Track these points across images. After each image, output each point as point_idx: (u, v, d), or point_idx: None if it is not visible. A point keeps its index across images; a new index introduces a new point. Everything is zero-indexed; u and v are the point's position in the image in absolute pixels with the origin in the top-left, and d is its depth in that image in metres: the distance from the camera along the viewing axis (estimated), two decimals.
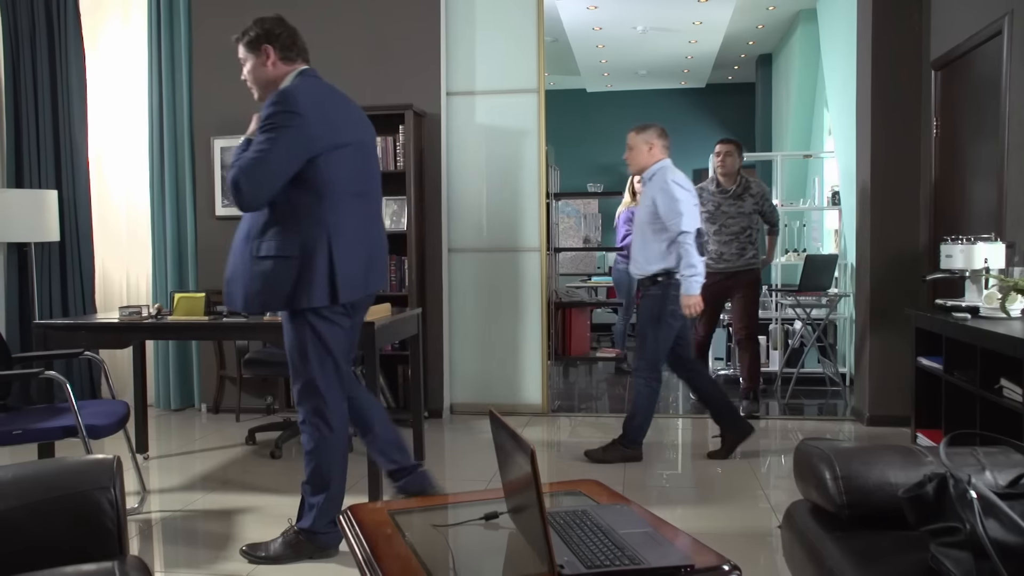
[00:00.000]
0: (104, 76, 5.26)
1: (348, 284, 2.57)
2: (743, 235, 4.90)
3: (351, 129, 2.63)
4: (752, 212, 4.91)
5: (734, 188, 4.90)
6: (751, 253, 4.93)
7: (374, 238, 2.74)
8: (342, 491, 2.75)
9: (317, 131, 2.49)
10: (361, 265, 2.62)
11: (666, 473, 3.85)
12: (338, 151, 2.54)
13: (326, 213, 2.52)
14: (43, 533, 1.63)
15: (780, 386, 5.68)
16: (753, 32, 7.81)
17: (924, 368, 3.54)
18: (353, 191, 2.60)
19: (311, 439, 2.67)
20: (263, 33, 2.64)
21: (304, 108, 2.47)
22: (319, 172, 2.51)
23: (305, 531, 2.70)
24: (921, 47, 4.45)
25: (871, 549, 1.63)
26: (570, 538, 1.56)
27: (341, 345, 2.67)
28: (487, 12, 4.90)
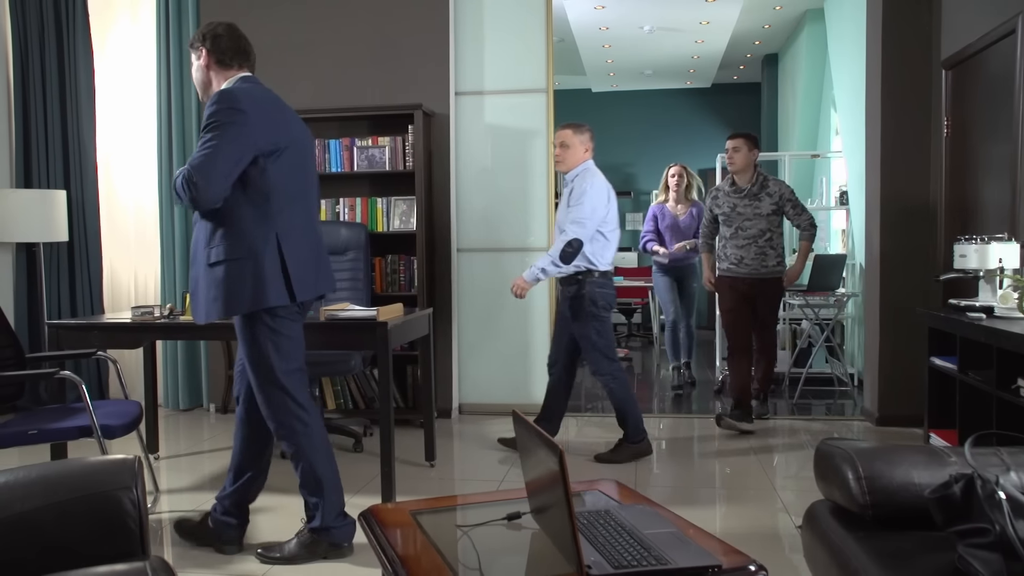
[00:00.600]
0: (112, 76, 5.27)
1: (301, 284, 2.59)
2: (762, 239, 4.49)
3: (291, 131, 2.64)
4: (771, 214, 4.48)
5: (749, 187, 4.51)
6: (775, 260, 4.50)
7: (318, 240, 2.74)
8: (338, 480, 2.76)
9: (259, 129, 2.50)
10: (310, 266, 2.64)
11: (674, 473, 3.85)
12: (280, 152, 2.56)
13: (272, 214, 2.54)
14: (67, 533, 1.63)
15: (788, 386, 5.67)
16: (759, 32, 7.79)
17: (937, 368, 3.53)
18: (295, 193, 2.62)
19: (290, 443, 2.68)
20: (203, 36, 2.68)
21: (246, 106, 2.49)
22: (263, 173, 2.52)
23: (316, 529, 2.70)
24: (931, 46, 4.44)
25: (896, 550, 1.62)
26: (595, 538, 1.56)
27: (299, 346, 2.71)
28: (495, 12, 4.90)
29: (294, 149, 2.62)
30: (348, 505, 3.29)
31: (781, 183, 4.55)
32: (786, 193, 4.51)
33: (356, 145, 4.76)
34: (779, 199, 4.48)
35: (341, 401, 4.82)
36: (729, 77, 9.54)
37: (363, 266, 4.40)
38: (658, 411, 5.23)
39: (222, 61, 2.65)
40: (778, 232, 4.53)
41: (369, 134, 4.81)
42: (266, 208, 2.53)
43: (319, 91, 4.93)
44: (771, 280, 4.53)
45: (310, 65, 4.95)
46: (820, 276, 5.38)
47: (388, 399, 3.19)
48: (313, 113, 4.82)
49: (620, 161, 10.03)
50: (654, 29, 7.30)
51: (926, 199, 4.49)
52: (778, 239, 4.52)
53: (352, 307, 3.42)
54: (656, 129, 9.90)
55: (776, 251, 4.51)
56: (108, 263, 5.31)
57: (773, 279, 4.53)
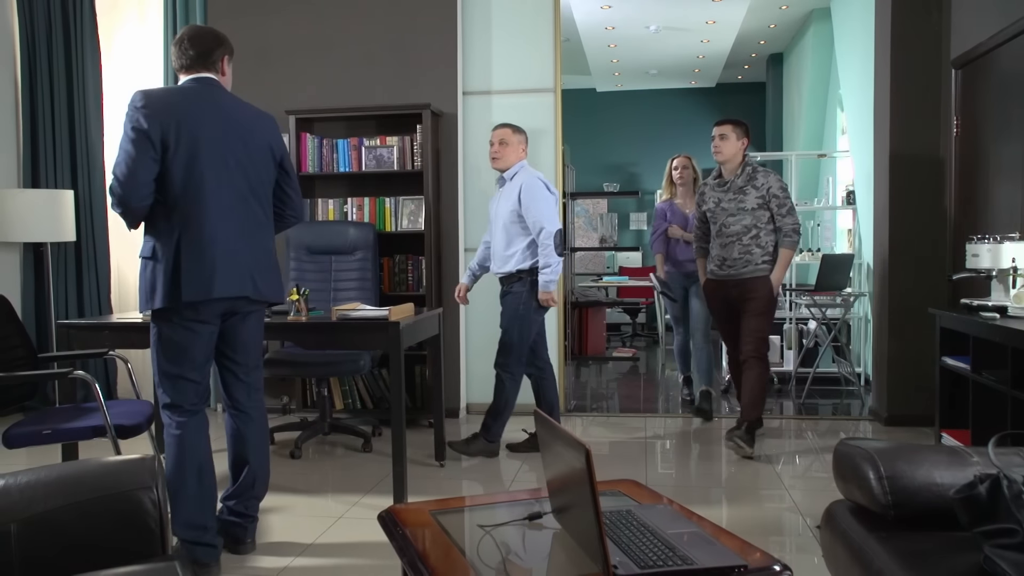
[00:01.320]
0: (120, 76, 5.26)
1: (191, 286, 2.51)
2: (746, 236, 4.01)
3: (199, 128, 2.55)
4: (756, 209, 3.99)
5: (735, 180, 4.05)
6: (761, 259, 4.02)
7: (236, 241, 2.60)
8: (195, 494, 2.61)
9: (154, 127, 2.46)
10: (209, 267, 2.53)
11: (681, 473, 3.84)
12: (178, 150, 2.50)
13: (174, 214, 2.52)
14: (88, 532, 1.63)
15: (795, 386, 5.66)
16: (765, 31, 7.79)
17: (950, 368, 3.52)
18: (200, 192, 2.53)
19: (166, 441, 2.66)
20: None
21: (148, 102, 2.48)
22: (170, 172, 2.50)
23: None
24: (941, 46, 4.43)
25: (920, 550, 1.62)
26: (619, 538, 1.55)
27: (185, 353, 2.59)
28: (504, 12, 4.90)
29: (201, 146, 2.54)
30: (360, 505, 3.29)
31: (772, 176, 4.05)
32: (775, 187, 4.00)
33: (364, 145, 4.76)
34: (766, 192, 4.00)
35: (349, 401, 4.82)
36: (733, 77, 9.53)
37: (371, 266, 4.41)
38: (663, 411, 5.23)
39: (179, 65, 2.68)
40: (767, 229, 4.01)
41: (377, 134, 4.81)
42: (170, 208, 2.52)
43: (327, 91, 4.93)
44: (757, 280, 4.00)
45: (318, 65, 4.95)
46: (827, 275, 5.37)
47: (400, 399, 3.18)
48: (321, 113, 4.83)
49: (624, 161, 10.03)
50: (660, 29, 7.30)
51: (935, 199, 4.48)
52: (767, 237, 4.01)
53: (363, 307, 3.41)
54: (660, 129, 9.90)
55: (764, 249, 4.01)
56: (115, 263, 5.30)
57: (759, 279, 4.00)
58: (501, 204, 3.94)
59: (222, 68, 2.70)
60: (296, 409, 5.00)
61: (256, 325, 2.82)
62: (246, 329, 2.76)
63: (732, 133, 4.06)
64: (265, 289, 2.70)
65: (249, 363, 2.81)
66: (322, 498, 3.40)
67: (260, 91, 5.02)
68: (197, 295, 2.52)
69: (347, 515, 3.18)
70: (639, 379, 6.54)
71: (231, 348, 2.74)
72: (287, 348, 4.25)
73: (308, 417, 4.63)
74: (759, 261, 4.02)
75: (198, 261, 2.51)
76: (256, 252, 2.67)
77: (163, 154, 2.49)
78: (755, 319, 4.01)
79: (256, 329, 2.82)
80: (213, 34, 2.70)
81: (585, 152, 9.72)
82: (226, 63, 2.72)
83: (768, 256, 4.03)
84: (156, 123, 2.47)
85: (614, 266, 9.84)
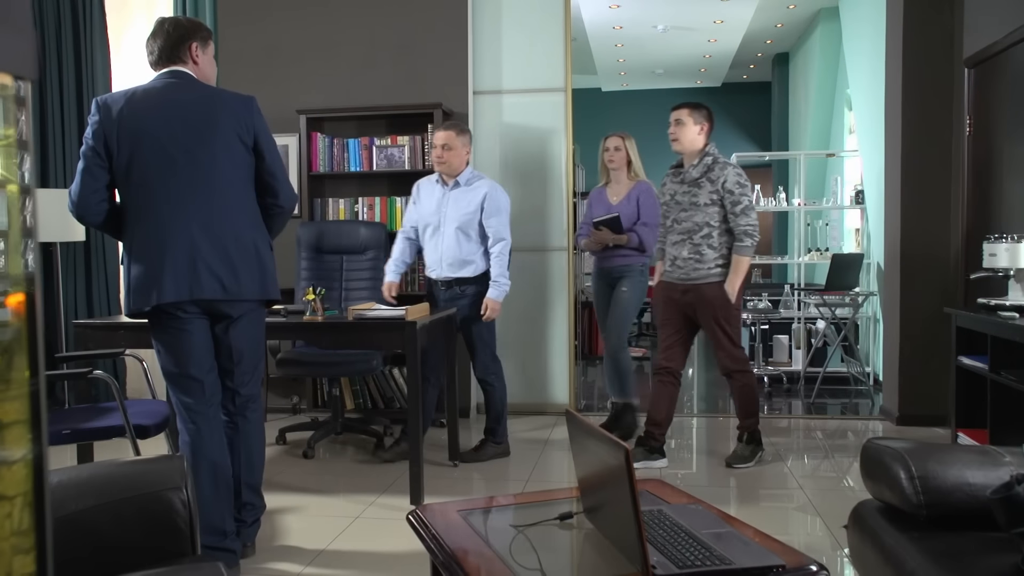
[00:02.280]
0: (129, 76, 5.25)
1: (135, 295, 2.46)
2: (697, 234, 3.61)
3: (143, 127, 2.47)
4: (709, 205, 3.59)
5: (690, 171, 3.67)
6: (714, 262, 3.60)
7: (197, 237, 2.46)
8: (211, 498, 2.55)
9: (104, 132, 2.45)
10: (155, 272, 2.43)
11: (688, 474, 3.84)
12: (135, 148, 2.45)
13: (130, 214, 2.50)
14: (119, 532, 1.63)
15: (804, 386, 5.66)
16: (772, 31, 7.79)
17: (966, 367, 3.52)
18: (143, 192, 2.46)
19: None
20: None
21: (96, 109, 2.48)
22: (118, 175, 2.48)
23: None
24: (953, 45, 4.43)
25: (955, 550, 1.61)
26: (654, 538, 1.55)
27: (176, 352, 2.53)
28: (514, 11, 4.89)
29: (143, 142, 2.46)
30: (376, 505, 3.29)
31: (731, 169, 3.61)
32: (730, 181, 3.56)
33: (375, 144, 4.75)
34: (720, 187, 3.57)
35: (359, 400, 4.82)
36: (739, 76, 9.53)
37: (383, 265, 4.38)
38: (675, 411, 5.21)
39: (150, 64, 2.66)
40: (721, 229, 3.61)
41: (388, 133, 4.80)
42: (126, 210, 2.50)
43: (338, 91, 4.93)
44: (709, 287, 3.61)
45: (329, 65, 4.94)
46: (837, 275, 5.37)
47: (417, 399, 3.18)
48: (332, 112, 4.82)
49: None
50: (668, 28, 7.30)
51: (947, 198, 4.48)
52: (721, 237, 3.61)
53: (378, 306, 3.41)
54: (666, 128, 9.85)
55: (717, 252, 3.60)
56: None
57: (712, 285, 3.61)
58: (451, 207, 3.79)
59: (192, 57, 2.59)
60: (306, 409, 5.00)
61: (247, 330, 2.62)
62: (235, 334, 2.59)
63: (689, 118, 3.65)
64: (240, 286, 2.51)
65: (240, 370, 2.65)
66: (337, 499, 3.39)
67: (270, 91, 5.01)
68: (140, 304, 2.45)
69: (363, 515, 3.17)
70: (646, 379, 6.53)
71: (221, 354, 2.62)
72: (299, 348, 4.25)
73: (319, 417, 4.63)
74: (712, 264, 3.60)
75: (145, 265, 2.45)
76: (225, 245, 2.49)
77: (110, 160, 2.46)
78: (716, 333, 3.64)
79: (246, 334, 2.63)
80: (177, 24, 2.62)
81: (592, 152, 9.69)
82: (196, 51, 2.60)
83: (723, 260, 3.61)
84: (100, 130, 2.45)
85: None
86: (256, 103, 2.62)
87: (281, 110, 4.94)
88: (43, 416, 0.81)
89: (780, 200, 6.22)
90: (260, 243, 2.58)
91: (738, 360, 3.71)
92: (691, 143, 3.66)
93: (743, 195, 3.56)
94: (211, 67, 2.67)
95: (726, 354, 3.68)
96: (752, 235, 3.56)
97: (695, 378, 6.70)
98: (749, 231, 3.55)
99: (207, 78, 2.66)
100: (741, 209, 3.56)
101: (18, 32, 0.80)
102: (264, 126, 2.62)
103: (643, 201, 4.23)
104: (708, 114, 3.70)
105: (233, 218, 2.52)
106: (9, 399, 0.79)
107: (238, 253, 2.51)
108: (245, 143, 2.56)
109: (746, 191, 3.58)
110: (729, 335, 3.65)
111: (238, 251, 2.51)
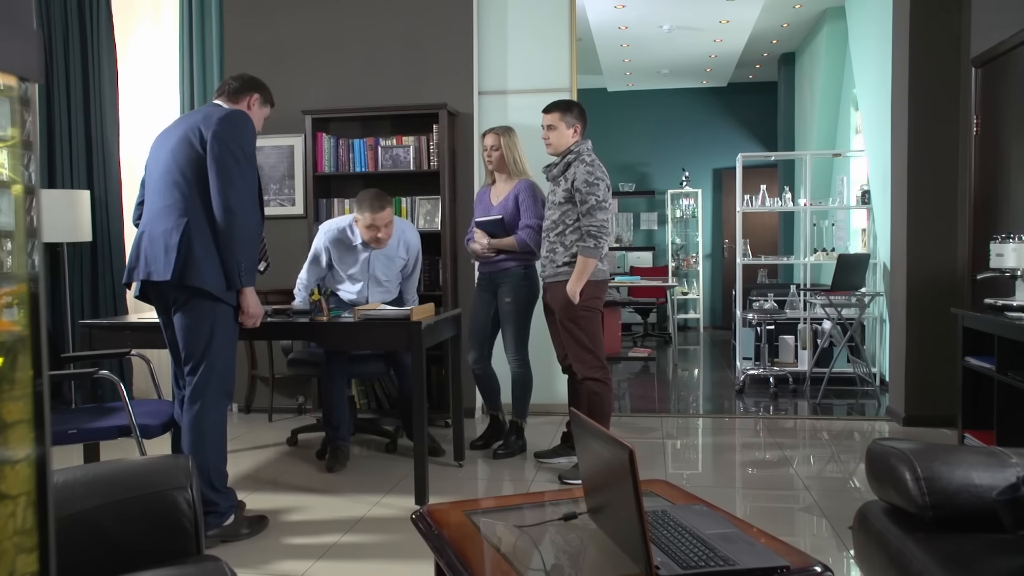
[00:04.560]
0: (135, 76, 5.28)
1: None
2: (553, 232, 3.55)
3: (163, 133, 2.97)
4: (563, 203, 3.51)
5: (553, 169, 3.59)
6: (563, 261, 3.51)
7: (150, 224, 2.82)
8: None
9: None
10: (131, 258, 2.83)
11: (694, 474, 3.83)
12: (149, 157, 2.96)
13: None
14: (124, 531, 1.63)
15: (810, 386, 5.64)
16: (778, 31, 7.77)
17: (972, 368, 3.50)
18: (150, 181, 2.90)
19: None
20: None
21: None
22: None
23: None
24: (960, 44, 4.41)
25: (961, 552, 1.61)
26: (658, 538, 1.55)
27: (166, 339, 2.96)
28: (519, 12, 4.89)
29: (152, 148, 2.96)
30: (380, 504, 3.29)
31: (583, 166, 3.48)
32: (579, 179, 3.43)
33: (380, 145, 4.76)
34: (571, 184, 3.48)
35: (365, 401, 4.82)
36: (745, 76, 9.50)
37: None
38: (675, 412, 5.22)
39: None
40: (573, 227, 3.51)
41: (393, 134, 4.80)
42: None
43: (343, 91, 4.93)
44: (557, 287, 3.53)
45: (334, 65, 4.95)
46: (843, 275, 5.36)
47: (421, 399, 3.18)
48: (337, 113, 4.83)
49: (635, 160, 10.01)
50: (673, 28, 7.28)
51: (953, 198, 4.46)
52: (572, 235, 3.50)
53: (384, 307, 3.41)
54: (671, 128, 9.88)
55: (568, 250, 3.50)
56: None
57: (559, 285, 3.52)
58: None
59: (249, 104, 3.07)
60: (312, 409, 5.00)
61: (184, 319, 2.80)
62: (177, 322, 2.83)
63: (561, 122, 3.53)
64: (153, 271, 2.75)
65: (186, 359, 2.83)
66: (344, 498, 3.40)
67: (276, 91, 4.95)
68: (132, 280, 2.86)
69: (368, 515, 3.17)
70: (652, 379, 6.52)
71: (173, 341, 2.90)
72: (311, 348, 4.25)
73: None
74: (560, 263, 3.52)
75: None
76: (157, 234, 2.77)
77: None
78: (564, 334, 3.55)
79: (184, 324, 2.80)
80: (251, 77, 3.16)
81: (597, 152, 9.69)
82: (254, 102, 3.09)
83: (572, 259, 3.49)
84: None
85: (625, 266, 9.82)
86: (226, 120, 2.83)
87: (286, 110, 4.94)
88: (46, 416, 0.82)
89: (786, 200, 6.20)
90: (187, 234, 2.73)
91: (588, 365, 3.52)
92: (563, 145, 3.56)
93: (590, 193, 3.43)
94: (259, 121, 3.08)
95: (575, 357, 3.55)
96: (597, 236, 3.42)
97: (700, 379, 6.69)
98: (593, 231, 3.42)
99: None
100: (587, 208, 3.43)
101: (22, 34, 0.80)
102: (221, 139, 2.77)
103: (522, 200, 3.89)
104: (580, 113, 3.60)
105: (175, 208, 2.77)
106: (13, 399, 0.79)
107: (164, 239, 2.75)
108: (193, 143, 2.80)
109: (595, 189, 3.43)
110: (576, 338, 3.51)
111: (164, 237, 2.75)
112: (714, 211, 10.06)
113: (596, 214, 3.43)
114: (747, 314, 5.86)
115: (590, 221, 3.43)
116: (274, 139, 5.01)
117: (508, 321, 3.94)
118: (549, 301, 3.65)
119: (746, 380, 5.79)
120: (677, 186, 9.79)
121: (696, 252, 9.83)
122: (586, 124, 3.65)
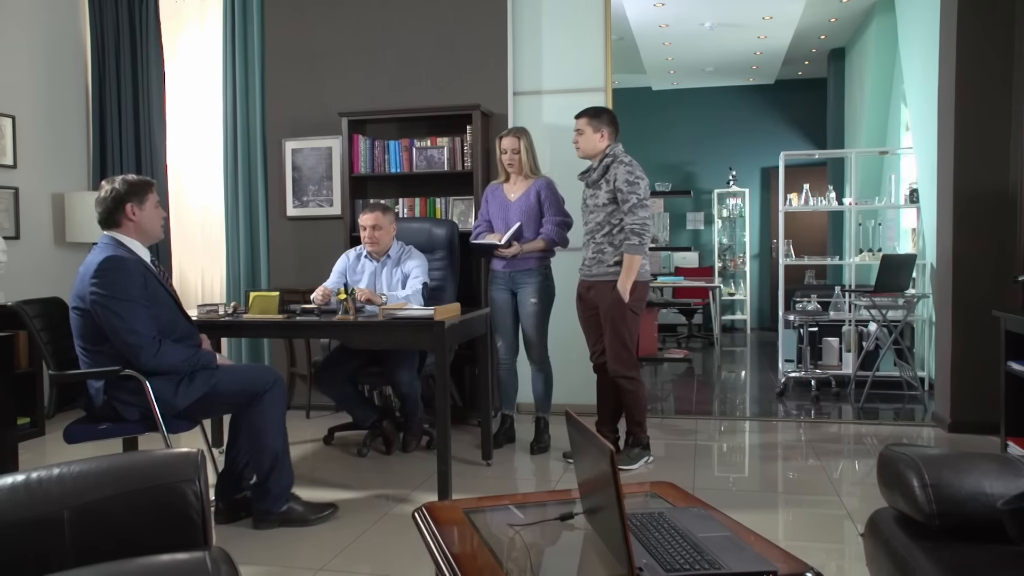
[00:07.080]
0: (182, 80, 5.44)
1: None
2: (599, 233, 3.69)
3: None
4: (607, 204, 3.66)
5: (592, 173, 3.75)
6: (613, 260, 3.65)
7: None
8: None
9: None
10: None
11: (735, 477, 3.77)
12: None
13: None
14: (135, 522, 1.69)
15: (854, 389, 5.50)
16: (825, 26, 7.59)
17: (1015, 373, 3.37)
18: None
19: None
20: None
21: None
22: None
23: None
24: (1012, 38, 4.24)
25: (966, 562, 1.56)
26: (648, 540, 1.54)
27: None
28: (553, 11, 4.89)
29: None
30: (407, 501, 3.33)
31: (623, 167, 3.64)
32: (620, 179, 3.60)
33: (415, 146, 4.81)
34: (613, 186, 3.64)
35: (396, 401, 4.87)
36: (794, 73, 9.31)
37: (450, 265, 4.29)
38: (719, 414, 5.15)
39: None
40: (621, 226, 3.66)
41: (428, 135, 4.85)
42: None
43: (378, 93, 5.01)
44: (605, 285, 3.66)
45: (369, 67, 5.03)
46: (888, 276, 5.21)
47: (445, 398, 3.21)
48: (373, 114, 4.90)
49: (680, 160, 9.89)
50: (715, 26, 7.18)
51: (1003, 196, 4.30)
52: (621, 235, 3.66)
53: (412, 306, 3.46)
54: (718, 127, 9.73)
55: (617, 250, 3.64)
56: (177, 263, 5.49)
57: (607, 284, 3.65)
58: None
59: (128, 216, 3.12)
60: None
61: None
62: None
63: (588, 127, 3.72)
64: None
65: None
66: (370, 495, 3.45)
67: (313, 94, 5.13)
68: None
69: (392, 512, 3.21)
70: (693, 381, 6.45)
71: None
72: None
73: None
74: (611, 262, 3.66)
75: None
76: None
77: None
78: (608, 331, 3.67)
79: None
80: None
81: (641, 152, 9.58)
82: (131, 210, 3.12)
83: (621, 258, 3.62)
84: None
85: (670, 266, 9.72)
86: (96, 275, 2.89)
87: (323, 113, 5.05)
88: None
89: (830, 199, 6.05)
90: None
91: (625, 364, 3.68)
92: (592, 149, 3.73)
93: (632, 192, 3.59)
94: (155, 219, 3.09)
95: (613, 355, 3.68)
96: (639, 233, 3.57)
97: (742, 381, 6.59)
98: (636, 228, 3.57)
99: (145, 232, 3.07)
100: (629, 207, 3.59)
101: None
102: (101, 291, 2.84)
103: (545, 196, 4.01)
104: (610, 119, 3.76)
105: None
106: None
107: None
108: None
109: (635, 189, 3.60)
110: (620, 336, 3.66)
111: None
112: (762, 211, 9.87)
113: (638, 212, 3.59)
114: (789, 315, 5.74)
115: (633, 220, 3.58)
116: (312, 141, 5.11)
117: (532, 321, 4.03)
118: (594, 298, 3.74)
119: (787, 383, 5.67)
120: (724, 185, 9.64)
121: (743, 252, 9.67)
122: (617, 129, 3.79)
